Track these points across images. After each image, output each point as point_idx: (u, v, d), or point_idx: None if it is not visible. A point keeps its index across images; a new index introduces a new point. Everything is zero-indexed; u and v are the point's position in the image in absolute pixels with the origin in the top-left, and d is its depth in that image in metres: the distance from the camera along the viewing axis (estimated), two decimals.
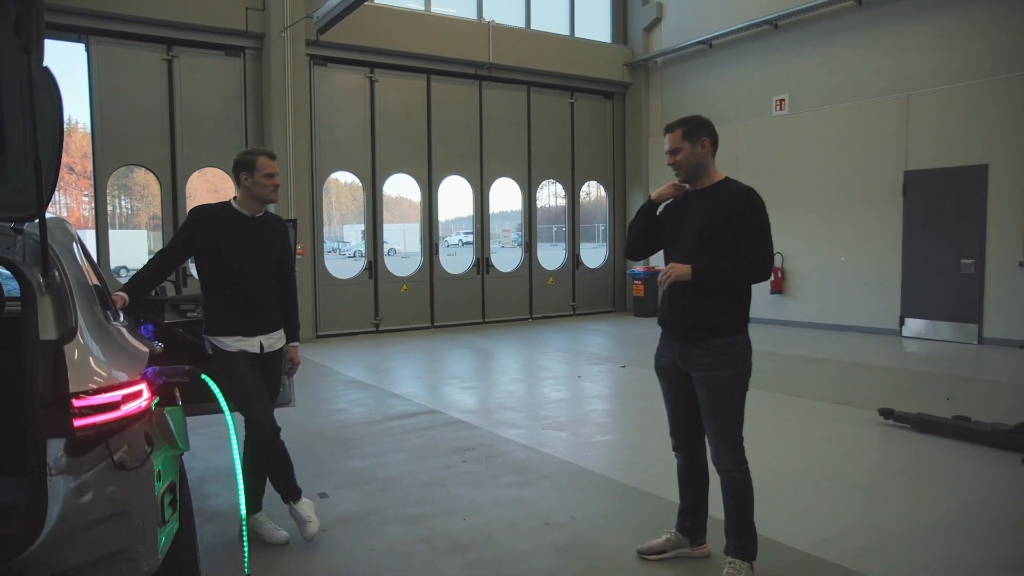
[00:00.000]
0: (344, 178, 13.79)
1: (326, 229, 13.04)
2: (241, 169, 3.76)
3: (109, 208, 10.83)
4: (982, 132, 9.98)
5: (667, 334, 3.48)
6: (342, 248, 41.26)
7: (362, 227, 13.08)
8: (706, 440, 3.47)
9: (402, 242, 32.92)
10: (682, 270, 3.25)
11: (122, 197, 43.26)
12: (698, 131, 3.35)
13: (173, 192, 11.07)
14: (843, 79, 11.62)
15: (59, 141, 2.28)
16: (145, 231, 37.02)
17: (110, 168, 10.77)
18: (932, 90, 10.50)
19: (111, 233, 11.03)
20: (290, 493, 3.90)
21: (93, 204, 10.93)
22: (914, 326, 10.85)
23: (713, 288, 3.27)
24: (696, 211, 3.38)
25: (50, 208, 2.38)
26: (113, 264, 11.16)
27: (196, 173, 11.51)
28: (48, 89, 2.19)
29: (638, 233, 3.60)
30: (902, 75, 10.85)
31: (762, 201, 3.30)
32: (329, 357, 10.23)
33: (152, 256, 3.74)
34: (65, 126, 2.48)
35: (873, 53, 11.22)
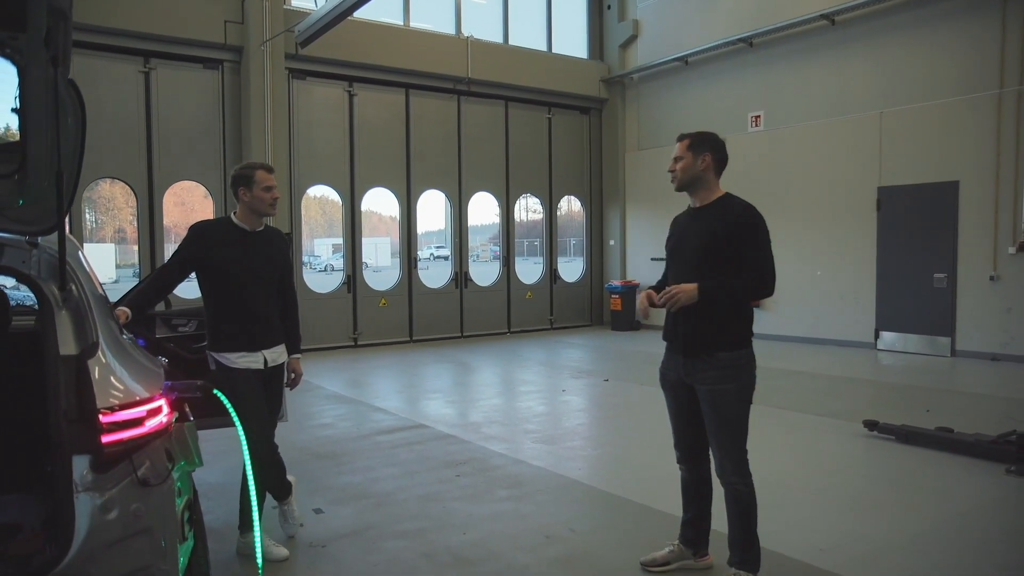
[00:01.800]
0: (314, 191, 13.70)
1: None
2: (239, 184, 3.75)
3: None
4: (953, 149, 10.27)
5: (672, 348, 3.53)
6: (313, 262, 40.86)
7: (332, 240, 13.01)
8: (710, 452, 3.51)
9: (373, 256, 32.74)
10: (688, 293, 3.26)
11: (87, 210, 42.48)
12: (702, 145, 3.42)
13: (150, 206, 10.91)
14: (817, 96, 11.90)
15: (80, 155, 2.25)
16: (112, 245, 36.38)
17: (86, 181, 10.58)
18: (904, 108, 10.80)
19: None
20: (281, 494, 4.05)
21: (68, 217, 10.72)
22: (888, 339, 11.08)
23: (717, 304, 3.32)
24: (697, 228, 3.45)
25: None
26: None
27: (173, 189, 11.36)
28: (72, 103, 2.17)
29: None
30: (875, 93, 11.14)
31: (761, 217, 3.37)
32: (309, 371, 10.03)
33: (152, 272, 3.70)
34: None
35: (847, 71, 11.51)
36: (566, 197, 15.93)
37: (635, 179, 15.10)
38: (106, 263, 30.12)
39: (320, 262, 40.66)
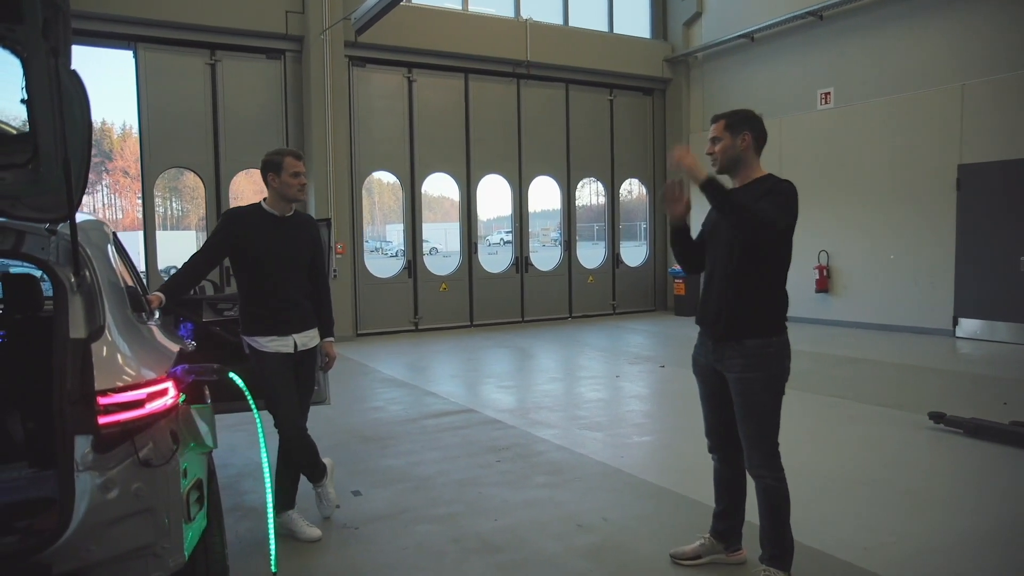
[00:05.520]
0: (387, 178, 13.91)
1: (369, 229, 13.17)
2: (269, 170, 3.80)
3: (160, 210, 11.08)
4: None
5: (703, 333, 3.41)
6: (385, 248, 41.60)
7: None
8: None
9: (443, 241, 33.12)
10: (698, 170, 3.11)
11: (173, 199, 44.45)
12: (741, 124, 3.25)
13: (217, 193, 11.28)
14: (892, 70, 11.28)
15: (87, 143, 2.30)
16: (194, 232, 38.01)
17: (157, 170, 11.05)
18: (988, 80, 10.10)
19: (161, 234, 11.34)
20: (315, 476, 4.10)
21: (141, 208, 11.21)
22: (969, 326, 10.47)
23: (749, 283, 3.17)
24: None
25: (104, 210, 2.42)
26: (162, 264, 11.42)
27: (243, 174, 11.71)
28: (76, 92, 2.22)
29: (679, 253, 3.59)
30: (956, 64, 10.47)
31: (794, 189, 3.19)
32: (368, 355, 10.31)
33: (188, 257, 3.79)
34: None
35: (924, 42, 10.85)
36: (635, 181, 15.69)
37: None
38: (188, 249, 31.48)
39: (392, 247, 41.39)
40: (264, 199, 3.88)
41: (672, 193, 3.33)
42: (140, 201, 11.39)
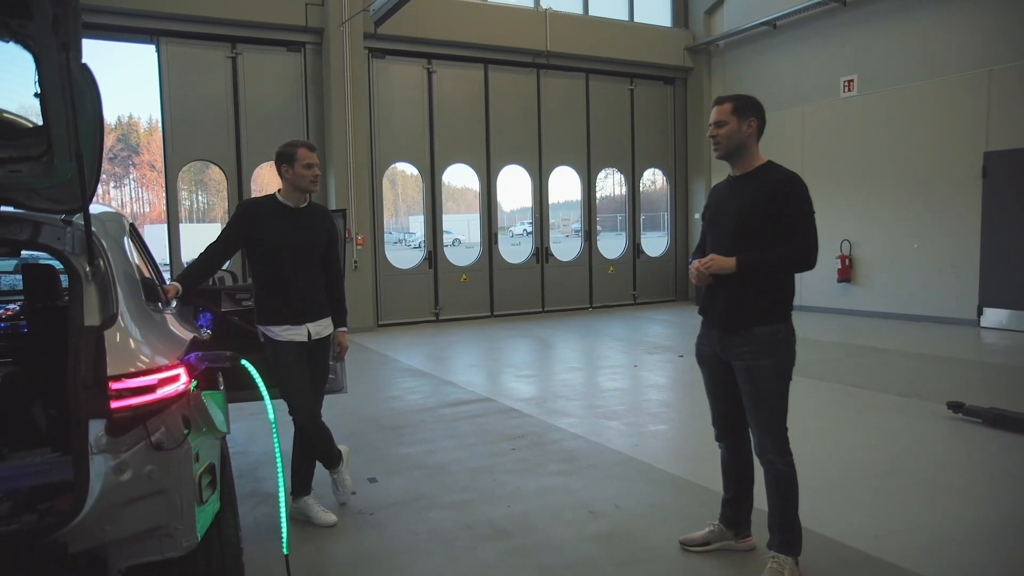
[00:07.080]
0: (410, 169, 13.97)
1: (392, 220, 13.28)
2: (282, 161, 3.86)
3: (186, 203, 11.27)
4: None
5: (707, 323, 3.41)
6: (408, 239, 41.77)
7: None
8: (750, 431, 3.38)
9: (466, 232, 33.14)
10: (724, 263, 3.17)
11: (199, 192, 45.01)
12: (748, 110, 3.24)
13: (239, 185, 11.43)
14: (917, 56, 11.08)
15: (100, 136, 2.36)
16: (219, 224, 38.50)
17: (180, 163, 11.22)
18: (1017, 64, 9.89)
19: (187, 226, 11.52)
20: (331, 462, 4.18)
21: (166, 200, 11.39)
22: (994, 316, 10.30)
23: (755, 278, 3.18)
24: (737, 197, 3.30)
25: (131, 204, 2.48)
26: (186, 256, 11.60)
27: (266, 166, 11.84)
28: (87, 85, 2.28)
29: None
30: (983, 49, 10.26)
31: (805, 187, 3.18)
32: (388, 346, 10.41)
33: (204, 248, 3.86)
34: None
35: (951, 27, 10.65)
36: (657, 171, 15.63)
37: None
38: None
39: (414, 239, 41.55)
40: (279, 190, 3.94)
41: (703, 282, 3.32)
42: (165, 194, 11.56)
